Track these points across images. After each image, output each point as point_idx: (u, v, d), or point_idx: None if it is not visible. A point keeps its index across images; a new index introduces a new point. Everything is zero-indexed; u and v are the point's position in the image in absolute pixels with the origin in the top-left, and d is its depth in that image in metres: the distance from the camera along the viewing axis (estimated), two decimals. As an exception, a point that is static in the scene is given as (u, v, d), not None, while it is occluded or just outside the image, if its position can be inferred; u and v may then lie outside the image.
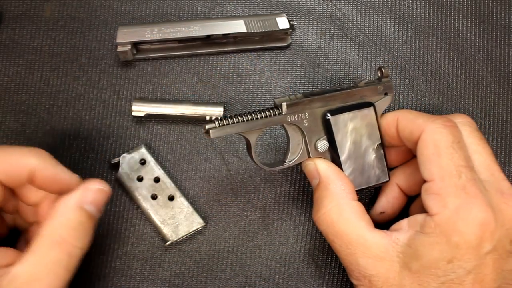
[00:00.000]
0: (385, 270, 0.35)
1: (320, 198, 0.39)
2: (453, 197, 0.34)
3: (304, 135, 0.40)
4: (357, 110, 0.41)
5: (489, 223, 0.34)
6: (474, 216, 0.34)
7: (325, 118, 0.40)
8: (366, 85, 0.42)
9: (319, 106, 0.40)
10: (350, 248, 0.37)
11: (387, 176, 0.43)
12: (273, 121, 0.39)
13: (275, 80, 0.48)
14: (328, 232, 0.38)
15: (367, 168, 0.42)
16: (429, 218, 0.35)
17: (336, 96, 0.41)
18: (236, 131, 0.38)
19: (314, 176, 0.40)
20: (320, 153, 0.41)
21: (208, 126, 0.37)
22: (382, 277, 0.35)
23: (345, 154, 0.41)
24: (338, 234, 0.37)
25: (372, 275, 0.36)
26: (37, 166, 0.36)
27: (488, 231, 0.34)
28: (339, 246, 0.37)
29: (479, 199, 0.34)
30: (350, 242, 0.37)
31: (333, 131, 0.40)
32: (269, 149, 0.48)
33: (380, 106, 0.42)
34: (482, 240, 0.34)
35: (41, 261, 0.34)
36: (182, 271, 0.46)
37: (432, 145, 0.36)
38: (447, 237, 0.34)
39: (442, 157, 0.36)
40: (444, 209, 0.34)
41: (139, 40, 0.44)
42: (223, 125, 0.37)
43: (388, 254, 0.36)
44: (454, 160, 0.35)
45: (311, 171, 0.40)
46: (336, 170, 0.40)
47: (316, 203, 0.40)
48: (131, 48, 0.45)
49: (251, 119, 0.38)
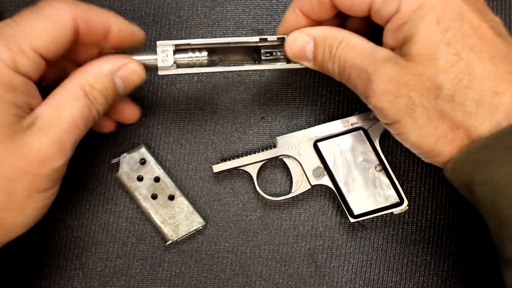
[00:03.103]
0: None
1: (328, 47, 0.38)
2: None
3: (301, 165, 0.45)
4: (345, 135, 0.45)
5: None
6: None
7: (316, 146, 0.45)
8: (359, 113, 0.46)
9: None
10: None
11: (396, 197, 0.43)
12: (269, 153, 0.45)
13: (276, 80, 0.48)
14: (345, 67, 0.37)
15: (371, 189, 0.44)
16: (397, 16, 0.34)
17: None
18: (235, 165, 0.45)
19: (305, 46, 0.39)
20: (318, 180, 0.45)
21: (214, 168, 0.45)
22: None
23: (340, 177, 0.44)
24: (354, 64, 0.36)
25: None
26: (114, 21, 0.37)
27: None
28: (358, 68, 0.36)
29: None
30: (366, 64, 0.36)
31: (324, 156, 0.44)
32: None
33: (375, 131, 0.45)
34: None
35: (63, 106, 0.35)
36: (182, 271, 0.46)
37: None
38: (420, 8, 0.33)
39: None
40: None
41: (180, 43, 0.40)
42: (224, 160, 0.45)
43: (392, 56, 0.35)
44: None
45: (300, 45, 0.39)
46: (324, 27, 0.39)
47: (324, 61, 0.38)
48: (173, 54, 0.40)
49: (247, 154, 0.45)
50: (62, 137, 0.34)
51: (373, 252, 0.47)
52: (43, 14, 0.34)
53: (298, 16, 0.39)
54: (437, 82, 0.33)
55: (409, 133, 0.35)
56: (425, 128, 0.34)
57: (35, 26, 0.34)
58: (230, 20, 0.49)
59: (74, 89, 0.35)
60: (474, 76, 0.32)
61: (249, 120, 0.48)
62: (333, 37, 0.38)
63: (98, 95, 0.36)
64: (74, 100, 0.35)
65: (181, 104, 0.48)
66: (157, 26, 0.48)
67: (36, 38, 0.34)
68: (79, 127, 0.35)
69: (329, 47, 0.38)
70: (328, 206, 0.47)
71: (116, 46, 0.38)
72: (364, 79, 0.35)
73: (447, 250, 0.47)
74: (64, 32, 0.35)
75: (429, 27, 0.33)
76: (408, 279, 0.46)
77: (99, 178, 0.47)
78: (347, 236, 0.47)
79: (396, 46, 0.35)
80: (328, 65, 0.38)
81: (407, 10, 0.34)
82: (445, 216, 0.47)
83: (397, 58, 0.34)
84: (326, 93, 0.48)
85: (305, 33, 0.39)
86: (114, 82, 0.37)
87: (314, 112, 0.48)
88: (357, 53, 0.36)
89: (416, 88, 0.33)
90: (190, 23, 0.49)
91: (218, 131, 0.48)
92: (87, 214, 0.47)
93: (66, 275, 0.46)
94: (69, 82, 0.36)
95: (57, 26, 0.34)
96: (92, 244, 0.46)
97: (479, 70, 0.32)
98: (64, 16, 0.35)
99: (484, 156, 0.32)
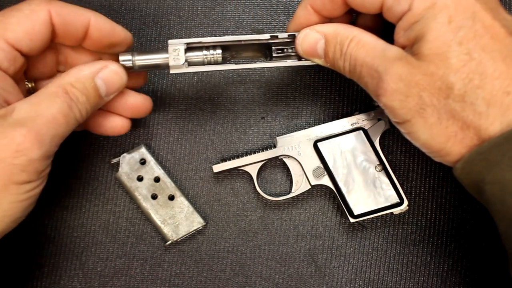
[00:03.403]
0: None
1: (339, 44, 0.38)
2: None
3: (301, 165, 0.45)
4: (345, 135, 0.45)
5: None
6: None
7: (316, 146, 0.44)
8: (359, 113, 0.46)
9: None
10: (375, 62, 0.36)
11: (397, 197, 0.43)
12: (269, 154, 0.45)
13: (276, 79, 0.48)
14: (356, 65, 0.37)
15: (371, 189, 0.44)
16: (408, 16, 0.34)
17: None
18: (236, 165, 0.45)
19: (316, 43, 0.39)
20: (318, 180, 0.45)
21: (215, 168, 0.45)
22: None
23: (340, 177, 0.44)
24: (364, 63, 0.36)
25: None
26: (93, 19, 0.37)
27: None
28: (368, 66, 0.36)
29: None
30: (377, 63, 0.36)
31: (324, 156, 0.44)
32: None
33: (375, 131, 0.45)
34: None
35: (42, 102, 0.35)
36: (182, 271, 0.46)
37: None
38: (433, 7, 0.33)
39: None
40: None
41: (192, 42, 0.40)
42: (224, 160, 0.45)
43: (403, 54, 0.35)
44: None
45: (311, 42, 0.39)
46: (335, 24, 0.39)
47: (335, 58, 0.38)
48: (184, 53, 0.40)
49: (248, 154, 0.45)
50: (39, 128, 0.34)
51: (373, 252, 0.47)
52: (18, 9, 0.36)
53: (309, 13, 0.39)
54: (448, 81, 0.33)
55: (419, 132, 0.35)
56: (435, 128, 0.34)
57: (8, 20, 0.35)
58: (230, 20, 0.49)
59: (54, 88, 0.36)
60: (486, 75, 0.32)
61: (249, 120, 0.48)
62: (344, 34, 0.38)
63: (79, 94, 0.37)
64: (53, 97, 0.35)
65: (181, 104, 0.48)
66: (157, 26, 0.48)
67: (9, 32, 0.35)
68: (59, 122, 0.35)
69: (340, 44, 0.38)
70: (328, 206, 0.47)
71: (98, 45, 0.39)
72: (375, 78, 0.35)
73: (447, 250, 0.47)
74: (38, 26, 0.36)
75: (441, 26, 0.33)
76: (408, 279, 0.46)
77: (99, 178, 0.47)
78: (347, 236, 0.47)
79: (407, 45, 0.35)
80: (339, 63, 0.38)
81: (419, 9, 0.33)
82: (445, 216, 0.47)
83: (408, 57, 0.34)
84: (326, 93, 0.48)
85: (316, 30, 0.39)
86: (95, 83, 0.37)
87: (314, 112, 0.48)
88: (368, 51, 0.36)
89: (427, 87, 0.33)
90: (190, 23, 0.48)
91: (218, 131, 0.48)
92: (87, 214, 0.47)
93: (66, 275, 0.46)
94: (51, 83, 0.37)
95: (30, 20, 0.35)
96: (92, 244, 0.46)
97: (490, 70, 0.32)
98: (38, 10, 0.36)
99: (495, 155, 0.32)
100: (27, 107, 0.35)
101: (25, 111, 0.34)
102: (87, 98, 0.37)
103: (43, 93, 0.36)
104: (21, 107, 0.35)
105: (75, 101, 0.36)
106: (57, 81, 0.37)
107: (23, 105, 0.35)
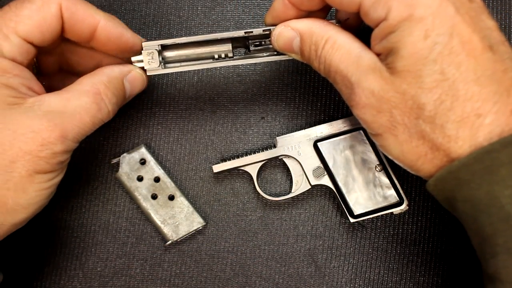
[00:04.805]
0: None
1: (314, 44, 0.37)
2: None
3: (300, 165, 0.45)
4: (345, 135, 0.45)
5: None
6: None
7: (316, 146, 0.45)
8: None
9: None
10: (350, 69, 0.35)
11: (396, 197, 0.43)
12: (270, 154, 0.45)
13: (276, 80, 0.48)
14: (330, 71, 0.37)
15: (371, 189, 0.44)
16: (385, 23, 0.33)
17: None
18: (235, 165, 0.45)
19: (292, 40, 0.38)
20: (318, 180, 0.45)
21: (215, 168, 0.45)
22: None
23: (340, 177, 0.44)
24: (338, 70, 0.36)
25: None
26: (103, 22, 0.38)
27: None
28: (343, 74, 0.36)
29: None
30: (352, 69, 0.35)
31: (324, 156, 0.44)
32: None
33: None
34: (441, 2, 0.32)
35: (74, 99, 0.36)
36: (182, 271, 0.46)
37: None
38: (409, 18, 0.32)
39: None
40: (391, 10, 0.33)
41: (166, 43, 0.40)
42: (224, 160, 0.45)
43: (377, 65, 0.34)
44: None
45: (286, 39, 0.39)
46: (311, 20, 0.38)
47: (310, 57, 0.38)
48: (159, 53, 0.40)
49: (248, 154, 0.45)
50: (65, 126, 0.35)
51: (373, 252, 0.47)
52: (29, 1, 0.36)
53: (286, 6, 0.38)
54: (420, 102, 0.32)
55: (391, 147, 0.35)
56: (406, 145, 0.34)
57: (20, 13, 0.35)
58: (230, 20, 0.49)
59: (87, 86, 0.37)
60: (458, 97, 0.32)
61: (249, 120, 0.48)
62: (319, 34, 0.37)
63: (111, 95, 0.37)
64: (84, 96, 0.36)
65: (181, 104, 0.48)
66: (157, 26, 0.48)
67: (20, 24, 0.35)
68: (84, 121, 0.36)
69: (315, 45, 0.37)
70: (328, 206, 0.47)
71: (105, 48, 0.39)
72: (348, 87, 0.35)
73: (447, 250, 0.47)
74: (49, 19, 0.36)
75: (417, 41, 0.32)
76: (408, 279, 0.47)
77: (99, 178, 0.47)
78: (347, 236, 0.47)
79: (382, 53, 0.34)
80: (314, 63, 0.38)
81: (395, 20, 0.33)
82: (445, 216, 0.47)
83: (381, 68, 0.34)
84: (326, 93, 0.48)
85: (291, 27, 0.38)
86: (123, 85, 0.39)
87: (314, 112, 0.48)
88: (342, 56, 0.36)
89: (398, 105, 0.33)
90: (190, 23, 0.49)
91: (218, 131, 0.48)
92: (87, 214, 0.47)
93: (66, 275, 0.46)
94: (84, 79, 0.37)
95: (41, 13, 0.36)
96: (92, 244, 0.46)
97: (462, 91, 0.32)
98: (50, 2, 0.36)
99: (465, 175, 0.32)
100: (57, 102, 0.35)
101: (54, 105, 0.35)
102: (116, 99, 0.38)
103: (75, 89, 0.36)
104: (51, 100, 0.35)
105: (106, 102, 0.37)
106: (91, 78, 0.37)
107: (53, 98, 0.35)
